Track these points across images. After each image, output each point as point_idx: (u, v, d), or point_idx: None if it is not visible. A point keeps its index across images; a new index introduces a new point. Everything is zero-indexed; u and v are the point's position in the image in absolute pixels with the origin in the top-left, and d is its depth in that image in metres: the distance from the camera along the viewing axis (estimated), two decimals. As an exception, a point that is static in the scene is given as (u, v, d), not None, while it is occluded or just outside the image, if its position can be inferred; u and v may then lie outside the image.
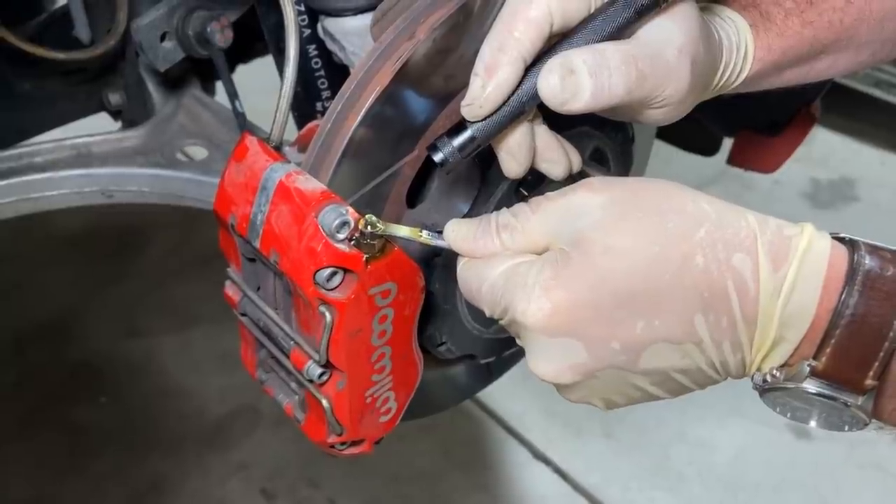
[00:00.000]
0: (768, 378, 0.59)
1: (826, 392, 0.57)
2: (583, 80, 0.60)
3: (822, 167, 3.69)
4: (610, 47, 0.62)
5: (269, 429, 2.39)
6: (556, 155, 0.69)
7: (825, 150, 3.83)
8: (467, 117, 0.64)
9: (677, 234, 0.57)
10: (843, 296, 0.55)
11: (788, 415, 0.63)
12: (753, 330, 0.57)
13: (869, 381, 0.56)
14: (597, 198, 0.59)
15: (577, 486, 2.32)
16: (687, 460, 2.40)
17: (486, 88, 0.62)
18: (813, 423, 0.61)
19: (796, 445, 2.43)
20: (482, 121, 0.63)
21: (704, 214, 0.57)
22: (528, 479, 2.35)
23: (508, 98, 0.63)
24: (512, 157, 0.67)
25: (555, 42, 0.64)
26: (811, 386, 0.57)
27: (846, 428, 0.60)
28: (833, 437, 2.45)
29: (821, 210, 3.44)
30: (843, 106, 3.77)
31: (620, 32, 0.62)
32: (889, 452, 2.41)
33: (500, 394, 2.53)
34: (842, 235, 0.59)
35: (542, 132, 0.69)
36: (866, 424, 0.59)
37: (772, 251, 0.56)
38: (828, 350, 0.56)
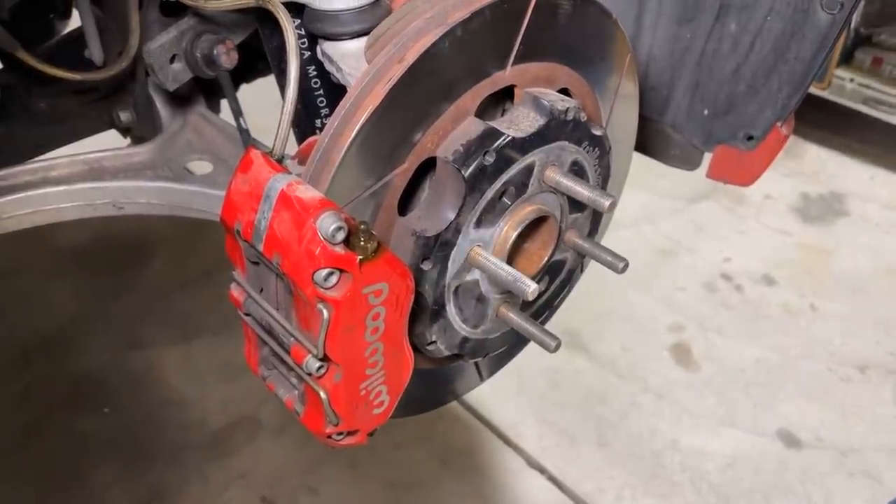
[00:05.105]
0: None
1: None
2: None
3: (813, 182, 3.76)
4: None
5: (269, 438, 2.43)
6: None
7: (815, 165, 3.89)
8: None
9: None
10: None
11: None
12: None
13: None
14: None
15: (570, 494, 2.36)
16: (680, 468, 2.44)
17: None
18: None
19: (787, 454, 2.47)
20: None
21: None
22: (523, 486, 2.38)
23: None
24: None
25: None
26: None
27: None
28: (823, 446, 2.48)
29: (810, 224, 3.50)
30: (832, 122, 3.85)
31: None
32: (879, 460, 2.44)
33: (495, 403, 2.57)
34: None
35: None
36: None
37: None
38: None
